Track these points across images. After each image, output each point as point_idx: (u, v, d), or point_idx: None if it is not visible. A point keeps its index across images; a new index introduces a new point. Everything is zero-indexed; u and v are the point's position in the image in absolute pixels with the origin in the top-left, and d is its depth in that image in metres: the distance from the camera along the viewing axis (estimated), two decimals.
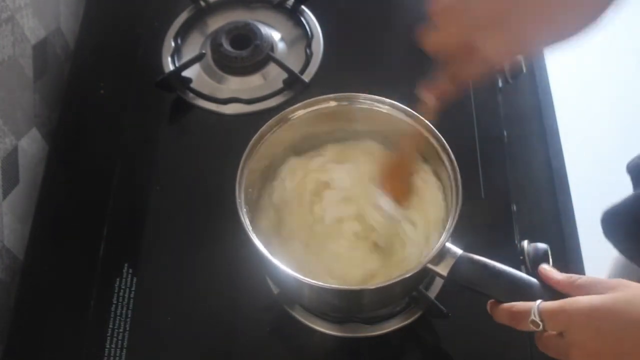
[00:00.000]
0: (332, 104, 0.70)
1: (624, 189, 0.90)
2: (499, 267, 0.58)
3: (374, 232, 0.70)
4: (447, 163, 0.66)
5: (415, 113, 0.68)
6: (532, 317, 0.53)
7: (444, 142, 0.66)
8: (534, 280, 0.57)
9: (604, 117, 1.85)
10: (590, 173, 1.45)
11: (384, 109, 0.70)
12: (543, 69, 0.93)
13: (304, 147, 0.75)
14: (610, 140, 1.74)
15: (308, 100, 0.70)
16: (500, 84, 0.89)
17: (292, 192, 0.73)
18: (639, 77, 1.92)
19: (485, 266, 0.59)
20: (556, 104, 0.89)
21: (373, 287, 0.61)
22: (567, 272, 0.56)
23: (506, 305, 0.56)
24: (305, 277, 0.60)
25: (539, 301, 0.54)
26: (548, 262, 0.74)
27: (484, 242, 0.69)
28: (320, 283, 0.60)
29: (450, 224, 0.62)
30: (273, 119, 0.69)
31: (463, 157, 0.66)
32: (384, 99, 0.70)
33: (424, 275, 0.61)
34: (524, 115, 0.89)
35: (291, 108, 0.70)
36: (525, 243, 0.76)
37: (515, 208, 0.80)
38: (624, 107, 1.88)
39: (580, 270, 0.78)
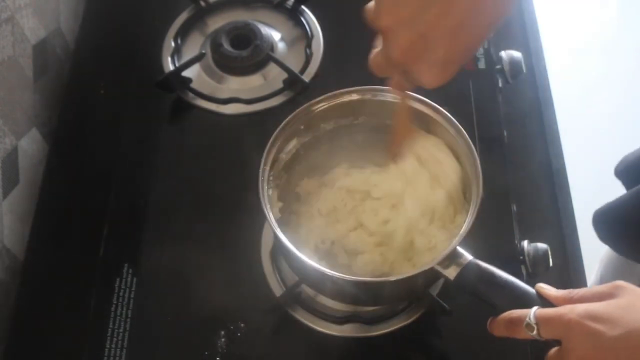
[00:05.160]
0: (355, 96, 0.71)
1: (624, 189, 0.90)
2: (505, 277, 0.58)
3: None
4: (471, 168, 0.66)
5: (441, 109, 0.68)
6: (527, 320, 0.53)
7: (472, 145, 0.66)
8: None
9: (604, 117, 1.86)
10: (590, 173, 1.45)
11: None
12: (543, 69, 0.93)
13: (324, 142, 0.75)
14: (610, 140, 1.74)
15: (331, 93, 0.70)
16: (500, 84, 0.89)
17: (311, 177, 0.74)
18: (638, 77, 1.92)
19: (492, 275, 0.59)
20: (556, 104, 0.89)
21: (393, 279, 0.62)
22: (567, 272, 0.56)
23: (505, 313, 0.56)
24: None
25: (536, 307, 0.54)
26: (548, 262, 0.74)
27: (484, 242, 0.69)
28: (344, 275, 0.61)
29: (464, 229, 0.61)
30: (296, 111, 0.69)
31: None
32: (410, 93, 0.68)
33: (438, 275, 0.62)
34: (524, 115, 0.89)
35: (314, 100, 0.70)
36: (525, 243, 0.76)
37: (515, 208, 0.80)
38: (624, 107, 1.88)
39: (580, 270, 0.78)
